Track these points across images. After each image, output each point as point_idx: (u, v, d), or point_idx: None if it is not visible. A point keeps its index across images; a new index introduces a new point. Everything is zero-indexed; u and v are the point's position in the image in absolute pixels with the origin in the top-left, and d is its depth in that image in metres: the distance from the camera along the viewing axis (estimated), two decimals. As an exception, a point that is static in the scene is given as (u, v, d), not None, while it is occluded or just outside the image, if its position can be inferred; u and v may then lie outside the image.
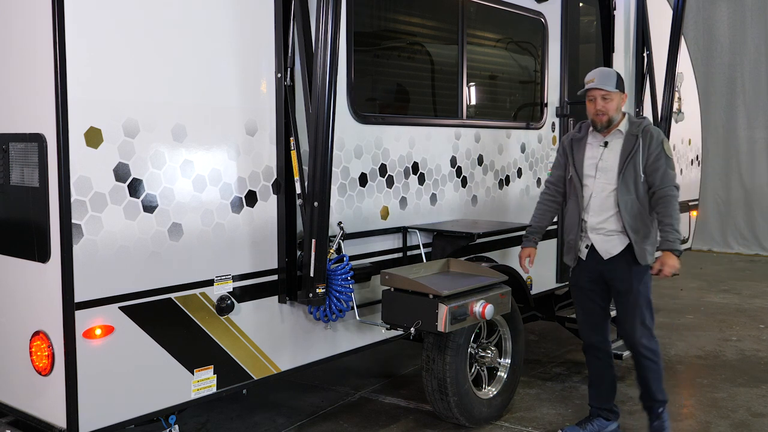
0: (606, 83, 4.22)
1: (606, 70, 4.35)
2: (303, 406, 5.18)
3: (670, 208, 4.13)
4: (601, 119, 4.26)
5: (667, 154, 4.20)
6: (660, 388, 4.43)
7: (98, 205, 3.13)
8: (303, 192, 3.83)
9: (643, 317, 4.31)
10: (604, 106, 4.23)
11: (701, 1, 12.21)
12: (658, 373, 4.39)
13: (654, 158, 4.17)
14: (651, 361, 4.35)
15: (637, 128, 4.24)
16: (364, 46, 4.42)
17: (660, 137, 4.22)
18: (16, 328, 3.32)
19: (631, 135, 4.23)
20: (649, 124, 4.31)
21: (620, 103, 4.29)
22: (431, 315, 3.96)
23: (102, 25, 3.13)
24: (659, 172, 4.16)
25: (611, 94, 4.21)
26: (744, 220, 12.21)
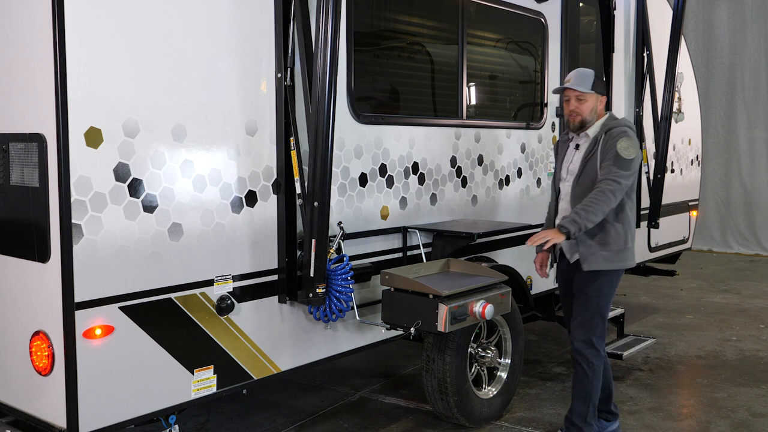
0: (580, 84, 4.18)
1: (584, 72, 4.28)
2: (303, 406, 5.18)
3: (589, 196, 4.01)
4: (575, 120, 4.23)
5: (618, 153, 4.03)
6: (581, 412, 4.23)
7: (98, 205, 3.13)
8: (303, 192, 3.83)
9: (585, 321, 4.20)
10: (578, 106, 4.20)
11: (701, 1, 12.21)
12: (585, 390, 4.21)
13: (605, 155, 4.07)
14: (582, 369, 4.22)
15: (602, 130, 4.16)
16: (364, 46, 4.42)
17: (619, 136, 4.07)
18: (16, 328, 3.32)
19: (594, 138, 4.17)
20: (618, 125, 4.17)
21: (596, 105, 4.22)
22: (431, 315, 3.96)
23: (102, 25, 3.13)
24: (604, 168, 4.05)
25: (586, 95, 4.17)
26: (744, 220, 12.21)
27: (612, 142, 4.08)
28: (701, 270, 10.60)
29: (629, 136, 4.12)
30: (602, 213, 4.01)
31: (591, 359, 4.21)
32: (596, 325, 4.21)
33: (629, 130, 4.17)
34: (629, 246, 4.23)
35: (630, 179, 4.10)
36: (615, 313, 6.20)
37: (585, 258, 4.17)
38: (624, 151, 4.05)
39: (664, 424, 4.85)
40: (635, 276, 7.82)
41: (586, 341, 4.21)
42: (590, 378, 4.21)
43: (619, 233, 4.16)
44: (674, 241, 7.75)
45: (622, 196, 4.08)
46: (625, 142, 4.07)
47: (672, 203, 7.50)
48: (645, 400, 5.27)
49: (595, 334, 4.22)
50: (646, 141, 6.92)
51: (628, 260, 4.23)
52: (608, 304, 4.29)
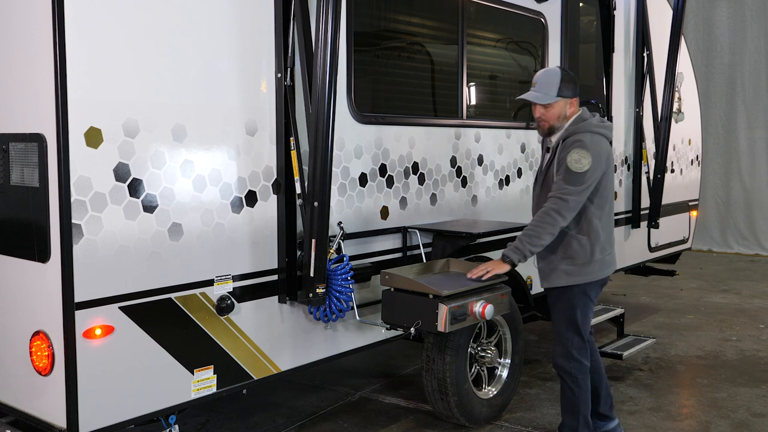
0: (544, 93, 3.96)
1: (548, 75, 4.02)
2: (303, 406, 5.18)
3: (535, 219, 3.90)
4: (543, 126, 4.05)
5: (569, 167, 3.79)
6: (571, 425, 4.15)
7: (98, 205, 3.13)
8: (303, 192, 3.83)
9: (561, 338, 4.09)
10: (544, 113, 4.00)
11: (701, 1, 12.21)
12: (571, 403, 4.12)
13: (559, 169, 3.89)
14: (565, 383, 4.14)
15: (561, 137, 3.96)
16: (364, 46, 4.42)
17: (572, 147, 3.84)
18: (16, 328, 3.32)
19: (555, 145, 4.00)
20: (576, 132, 3.91)
21: (564, 109, 3.97)
22: (431, 315, 3.96)
23: (102, 25, 3.13)
24: (556, 181, 3.88)
25: (551, 103, 3.96)
26: (744, 220, 12.21)
27: (565, 154, 3.86)
28: (701, 270, 10.60)
29: (583, 146, 3.82)
30: (550, 235, 3.86)
31: (573, 373, 4.09)
32: (571, 339, 4.07)
33: (587, 137, 3.87)
34: (597, 258, 3.98)
35: (583, 194, 3.83)
36: (615, 313, 6.20)
37: (545, 275, 4.07)
38: (575, 164, 3.80)
39: (664, 424, 4.85)
40: (635, 276, 7.82)
41: (564, 355, 4.10)
42: (575, 392, 4.11)
43: (583, 246, 3.96)
44: (674, 241, 7.76)
45: (573, 214, 3.86)
46: (577, 154, 3.80)
47: (672, 203, 7.50)
48: (645, 400, 5.27)
49: (573, 347, 4.08)
50: (646, 141, 6.92)
51: (596, 273, 4.00)
52: (583, 315, 4.07)
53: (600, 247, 4.00)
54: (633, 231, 6.91)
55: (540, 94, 3.99)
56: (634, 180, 6.88)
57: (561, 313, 4.10)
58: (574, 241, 3.98)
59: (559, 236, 3.94)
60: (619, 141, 6.67)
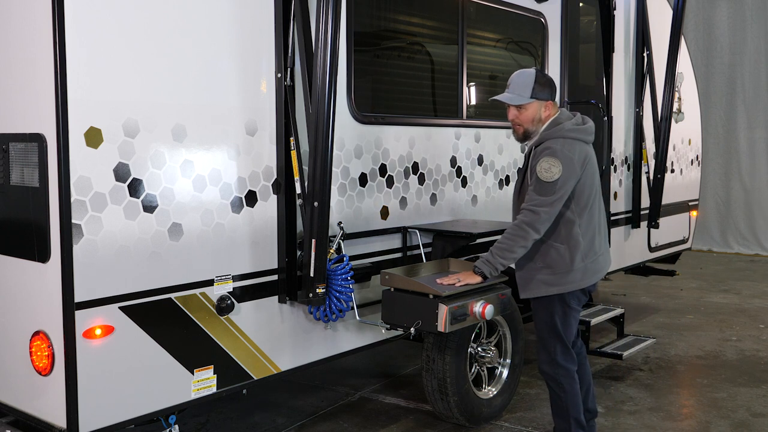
0: (517, 94, 3.83)
1: (523, 75, 3.87)
2: (303, 406, 5.18)
3: (509, 232, 3.78)
4: (518, 130, 3.91)
5: (539, 177, 3.68)
6: (565, 429, 4.07)
7: (98, 205, 3.13)
8: (303, 192, 3.83)
9: (544, 345, 4.02)
10: (518, 116, 3.87)
11: (701, 1, 12.21)
12: (561, 407, 4.05)
13: (531, 175, 3.78)
14: (551, 389, 4.09)
15: (534, 143, 3.85)
16: (364, 46, 4.42)
17: (543, 154, 3.72)
18: (16, 328, 3.32)
19: (529, 150, 3.88)
20: (547, 139, 3.78)
21: (539, 113, 3.84)
22: (431, 315, 3.96)
23: (102, 25, 3.13)
24: (528, 191, 3.78)
25: (525, 105, 3.83)
26: (744, 220, 12.21)
27: (535, 162, 3.74)
28: (701, 270, 10.60)
29: (553, 154, 3.69)
30: (522, 248, 3.76)
31: (559, 379, 4.01)
32: (554, 346, 3.99)
33: (559, 143, 3.73)
34: (578, 266, 3.83)
35: (555, 205, 3.70)
36: (615, 313, 6.20)
37: (523, 284, 3.96)
38: (544, 173, 3.67)
39: (664, 424, 4.85)
40: (635, 276, 7.82)
41: (548, 362, 4.04)
42: (562, 396, 4.04)
43: (561, 255, 3.83)
44: (674, 241, 7.76)
45: (547, 225, 3.74)
46: (547, 162, 3.67)
47: (672, 203, 7.50)
48: (645, 400, 5.27)
49: (556, 354, 3.99)
50: (646, 141, 6.93)
51: (577, 281, 3.86)
52: (565, 323, 3.96)
53: (581, 254, 3.85)
54: (633, 231, 6.92)
55: (513, 95, 3.86)
56: (634, 180, 6.88)
57: (542, 322, 4.02)
58: (552, 250, 3.85)
59: (537, 245, 3.83)
60: (619, 141, 6.67)
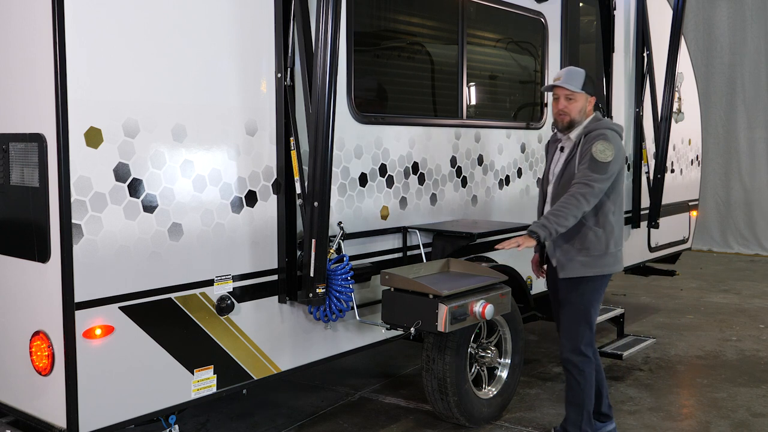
0: (571, 83, 4.09)
1: (574, 70, 4.19)
2: (303, 406, 5.18)
3: (561, 200, 3.95)
4: (563, 119, 4.14)
5: (593, 155, 3.93)
6: (575, 420, 4.20)
7: (98, 205, 3.13)
8: (303, 192, 3.83)
9: (573, 332, 4.16)
10: (567, 106, 4.11)
11: (701, 1, 12.21)
12: (578, 397, 4.18)
13: (581, 158, 4.01)
14: (572, 377, 4.19)
15: (582, 133, 4.09)
16: (364, 46, 4.42)
17: (596, 139, 3.98)
18: (16, 328, 3.32)
19: (576, 140, 4.10)
20: (598, 128, 4.06)
21: (585, 106, 4.13)
22: (431, 315, 3.96)
23: (102, 25, 3.13)
24: (580, 171, 3.99)
25: (575, 95, 4.09)
26: (744, 220, 12.22)
27: (588, 145, 3.99)
28: (701, 270, 10.60)
29: (607, 139, 3.99)
30: (574, 217, 3.92)
31: (581, 367, 4.15)
32: (583, 333, 4.14)
33: (609, 132, 4.04)
34: (611, 251, 4.10)
35: (605, 183, 3.97)
36: (615, 313, 6.20)
37: (562, 265, 4.11)
38: (600, 153, 3.94)
39: (664, 424, 4.85)
40: (635, 276, 7.82)
41: (573, 350, 4.16)
42: (582, 385, 4.15)
43: (599, 238, 4.06)
44: (674, 241, 7.76)
45: (596, 201, 3.96)
46: (602, 145, 3.95)
47: (672, 203, 7.50)
48: (645, 400, 5.27)
49: (582, 342, 4.15)
50: (646, 141, 6.92)
51: (610, 265, 4.11)
52: (595, 310, 4.18)
53: (614, 240, 4.12)
54: (633, 231, 6.91)
55: (568, 83, 4.11)
56: (634, 180, 6.87)
57: (574, 308, 4.15)
58: (591, 233, 4.06)
59: (575, 228, 4.03)
60: (619, 141, 6.66)
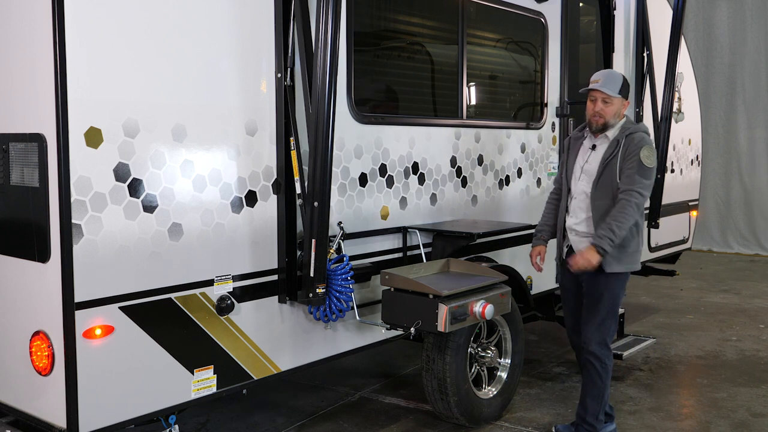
0: (610, 87, 4.20)
1: (613, 74, 4.32)
2: (303, 406, 5.18)
3: (618, 210, 4.08)
4: (598, 121, 4.24)
5: (642, 161, 4.09)
6: (594, 410, 4.32)
7: (98, 205, 3.13)
8: (303, 192, 3.83)
9: (600, 323, 4.26)
10: (603, 109, 4.21)
11: (701, 1, 12.21)
12: (599, 389, 4.30)
13: (627, 162, 4.12)
14: (596, 369, 4.28)
15: (621, 134, 4.20)
16: (364, 46, 4.42)
17: (641, 143, 4.13)
18: (16, 328, 3.32)
19: (615, 140, 4.20)
20: (638, 131, 4.22)
21: (620, 109, 4.26)
22: (431, 315, 3.96)
23: (102, 25, 3.13)
24: (626, 176, 4.11)
25: (612, 99, 4.20)
26: (744, 220, 12.21)
27: (634, 148, 4.11)
28: (701, 270, 10.60)
29: (651, 144, 4.19)
30: (629, 225, 4.11)
31: (605, 360, 4.30)
32: (609, 326, 4.30)
33: (648, 138, 4.22)
34: (639, 249, 4.29)
35: (651, 187, 4.19)
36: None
37: (605, 260, 4.17)
38: (647, 159, 4.10)
39: (664, 424, 4.85)
40: (635, 276, 7.73)
41: (601, 343, 4.28)
42: (603, 377, 4.29)
43: (633, 235, 4.21)
44: (674, 241, 7.76)
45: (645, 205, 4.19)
46: (648, 150, 4.13)
47: (672, 203, 7.50)
48: (645, 400, 5.27)
49: (608, 335, 4.31)
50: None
51: (636, 262, 4.31)
52: (619, 305, 4.36)
53: (641, 238, 4.29)
54: (633, 231, 6.91)
55: (606, 87, 4.21)
56: (634, 180, 6.87)
57: (605, 301, 4.24)
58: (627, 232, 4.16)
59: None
60: (619, 141, 6.66)
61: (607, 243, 4.05)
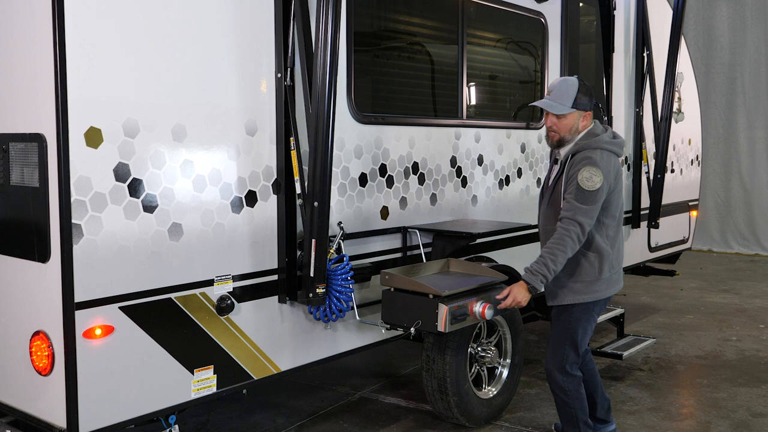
0: (559, 102, 3.85)
1: (567, 84, 3.90)
2: (303, 406, 5.18)
3: (554, 241, 3.73)
4: (553, 137, 3.93)
5: (579, 185, 3.69)
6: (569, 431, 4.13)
7: (98, 205, 3.13)
8: (303, 192, 3.83)
9: (558, 352, 4.02)
10: (556, 123, 3.88)
11: (701, 1, 12.21)
12: (568, 413, 4.08)
13: (568, 187, 3.78)
14: (560, 398, 4.10)
15: (570, 151, 3.87)
16: (364, 46, 4.42)
17: (582, 164, 3.74)
18: (16, 328, 3.32)
19: (565, 158, 3.89)
20: (586, 148, 3.81)
21: (577, 122, 3.88)
22: (431, 315, 3.96)
23: (102, 25, 3.13)
24: (566, 199, 3.77)
25: (565, 114, 3.85)
26: (744, 220, 12.21)
27: (574, 170, 3.77)
28: (701, 270, 10.60)
29: (593, 163, 3.74)
30: (565, 258, 3.74)
31: (565, 386, 4.04)
32: (567, 354, 4.01)
33: (598, 154, 3.78)
34: (605, 276, 3.91)
35: (595, 212, 3.74)
36: (615, 313, 6.20)
37: (551, 292, 3.99)
38: (586, 182, 3.71)
39: (664, 424, 4.85)
40: (635, 276, 7.82)
41: (558, 369, 4.04)
42: (569, 403, 4.06)
43: (591, 263, 3.88)
44: (674, 241, 7.76)
45: (587, 233, 3.75)
46: (588, 172, 3.72)
47: (672, 203, 7.50)
48: (645, 400, 5.27)
49: (567, 362, 4.01)
50: (646, 141, 6.93)
51: (601, 291, 3.93)
52: (583, 332, 4.01)
53: (609, 264, 3.92)
54: (633, 231, 6.91)
55: (555, 103, 3.87)
56: (634, 180, 6.88)
57: (562, 330, 4.02)
58: (583, 259, 3.88)
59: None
60: (619, 141, 6.67)
61: (538, 281, 3.72)
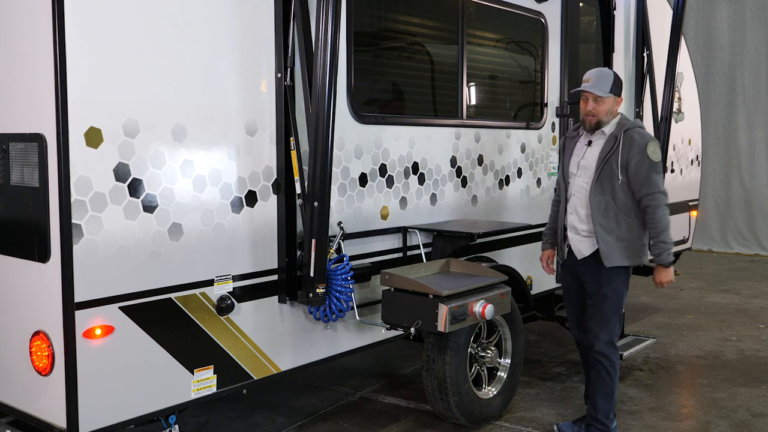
0: (600, 86, 4.21)
1: (603, 72, 4.31)
2: (303, 406, 5.18)
3: (655, 220, 4.17)
4: (591, 120, 4.27)
5: (651, 158, 4.14)
6: (605, 408, 4.32)
7: (98, 205, 3.13)
8: (303, 192, 3.83)
9: (605, 322, 4.27)
10: (595, 108, 4.24)
11: (701, 1, 12.21)
12: (608, 387, 4.31)
13: (636, 164, 4.13)
14: (603, 368, 4.29)
15: (619, 130, 4.22)
16: (364, 46, 4.42)
17: (643, 141, 4.16)
18: (16, 328, 3.32)
19: (612, 136, 4.22)
20: (634, 126, 4.26)
21: (613, 107, 4.26)
22: (431, 315, 3.96)
23: (102, 25, 3.13)
24: (641, 178, 4.14)
25: (603, 98, 4.21)
26: (744, 220, 12.21)
27: (638, 147, 4.13)
28: (701, 270, 10.60)
29: (652, 138, 4.23)
30: (669, 223, 4.21)
31: (612, 358, 4.31)
32: (615, 324, 4.30)
33: (647, 132, 4.27)
34: (645, 242, 4.29)
35: (664, 180, 4.26)
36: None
37: (605, 255, 4.20)
38: (652, 154, 4.14)
39: (664, 424, 4.85)
40: (635, 276, 7.72)
41: (608, 342, 4.28)
42: (612, 376, 4.31)
43: (636, 228, 4.24)
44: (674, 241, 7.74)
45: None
46: (652, 145, 4.16)
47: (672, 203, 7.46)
48: (645, 400, 5.27)
49: (614, 333, 4.32)
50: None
51: (641, 257, 4.30)
52: (623, 302, 4.35)
53: (646, 233, 4.30)
54: (633, 231, 6.91)
55: (596, 87, 4.22)
56: (634, 180, 6.87)
57: (610, 298, 4.26)
58: (628, 223, 4.22)
59: (615, 221, 4.19)
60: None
61: (666, 255, 4.18)
